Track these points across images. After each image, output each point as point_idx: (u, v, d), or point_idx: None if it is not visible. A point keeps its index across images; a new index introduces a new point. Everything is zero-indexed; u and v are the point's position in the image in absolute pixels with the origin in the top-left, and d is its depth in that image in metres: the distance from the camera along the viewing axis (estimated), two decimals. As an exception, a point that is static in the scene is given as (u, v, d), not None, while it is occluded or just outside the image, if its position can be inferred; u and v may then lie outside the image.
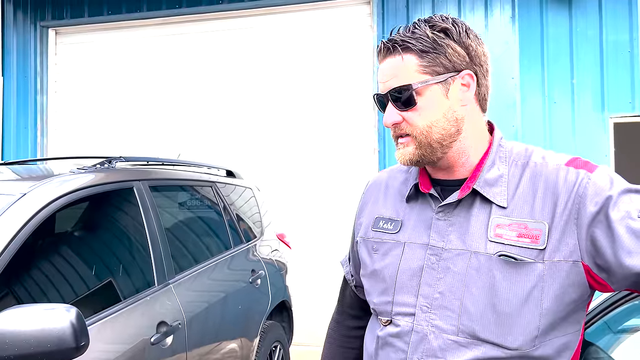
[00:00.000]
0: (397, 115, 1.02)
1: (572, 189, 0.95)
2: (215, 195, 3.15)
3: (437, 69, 1.00)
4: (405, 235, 1.08)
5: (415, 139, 1.02)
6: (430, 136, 1.01)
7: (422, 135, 1.01)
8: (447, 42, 1.00)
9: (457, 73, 1.01)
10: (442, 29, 1.00)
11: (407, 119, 1.02)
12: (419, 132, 1.01)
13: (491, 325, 0.94)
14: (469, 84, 1.02)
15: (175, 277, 2.35)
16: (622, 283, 0.91)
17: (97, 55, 5.63)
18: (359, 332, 1.29)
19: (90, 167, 2.21)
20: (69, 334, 1.38)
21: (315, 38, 5.12)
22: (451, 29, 1.00)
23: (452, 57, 1.00)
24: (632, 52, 4.39)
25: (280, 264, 3.72)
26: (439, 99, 1.00)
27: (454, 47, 1.00)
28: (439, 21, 1.02)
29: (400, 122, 1.03)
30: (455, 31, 1.01)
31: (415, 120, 1.01)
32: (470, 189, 1.01)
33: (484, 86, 1.05)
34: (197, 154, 5.04)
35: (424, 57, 0.99)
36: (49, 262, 1.90)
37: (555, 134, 4.49)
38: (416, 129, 1.01)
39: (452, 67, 1.00)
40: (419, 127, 1.01)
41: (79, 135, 5.65)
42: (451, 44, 1.00)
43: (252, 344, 2.98)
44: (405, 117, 1.02)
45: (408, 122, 1.02)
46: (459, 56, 1.01)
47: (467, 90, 1.02)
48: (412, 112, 1.01)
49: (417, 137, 1.01)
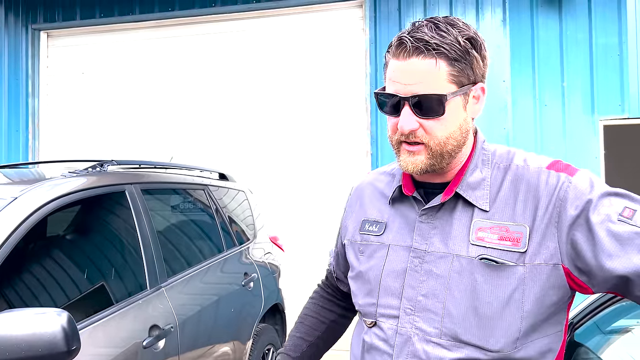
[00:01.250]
0: (415, 122, 0.96)
1: (553, 192, 0.96)
2: (207, 198, 3.15)
3: (462, 80, 0.96)
4: (390, 238, 1.09)
5: (429, 148, 0.97)
6: (445, 147, 0.98)
7: (438, 146, 0.97)
8: (474, 53, 0.97)
9: (473, 85, 0.99)
10: (469, 37, 0.96)
11: (426, 127, 0.96)
12: (437, 142, 0.97)
13: (473, 327, 0.95)
14: (479, 97, 1.01)
15: (167, 280, 2.34)
16: (603, 286, 0.92)
17: (89, 58, 5.61)
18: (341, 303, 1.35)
19: (82, 171, 2.21)
20: (60, 338, 1.38)
21: (307, 41, 5.13)
22: (475, 39, 0.97)
23: (476, 69, 0.98)
24: (621, 55, 4.44)
25: (273, 266, 3.72)
26: (459, 110, 0.98)
27: (478, 59, 0.98)
28: (464, 27, 0.97)
29: (417, 129, 0.97)
30: (478, 42, 0.98)
31: (435, 130, 0.96)
32: (453, 192, 1.02)
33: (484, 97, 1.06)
34: (189, 157, 5.04)
35: (455, 65, 0.95)
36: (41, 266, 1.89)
37: (546, 136, 4.52)
38: (434, 138, 0.97)
39: (473, 79, 0.98)
40: (438, 137, 0.97)
41: (71, 139, 5.62)
42: (476, 56, 0.97)
43: (245, 347, 2.98)
44: (425, 125, 0.96)
45: (427, 130, 0.97)
46: (480, 69, 0.99)
47: (476, 103, 1.02)
48: (435, 122, 0.96)
49: (433, 147, 0.97)
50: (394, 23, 4.84)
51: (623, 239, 0.89)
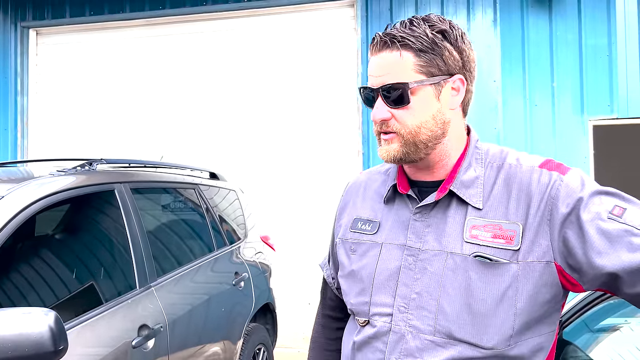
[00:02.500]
0: (386, 112, 1.01)
1: (545, 190, 0.97)
2: (198, 197, 3.13)
3: (432, 70, 0.99)
4: (383, 236, 1.09)
5: (401, 137, 1.01)
6: (417, 136, 1.00)
7: (409, 135, 1.01)
8: (444, 45, 0.99)
9: (450, 77, 1.01)
10: (440, 30, 1.00)
11: (397, 116, 1.01)
12: (408, 131, 1.01)
13: (467, 325, 0.96)
14: (459, 88, 1.03)
15: (157, 279, 2.33)
16: (593, 283, 0.93)
17: (78, 56, 5.57)
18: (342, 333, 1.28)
19: (71, 170, 2.19)
20: (47, 337, 1.37)
21: (299, 40, 5.12)
22: (449, 32, 1.00)
23: (447, 60, 1.00)
24: (610, 56, 4.48)
25: (264, 266, 3.71)
26: (431, 100, 1.00)
27: (450, 50, 1.00)
28: (437, 22, 1.01)
29: (389, 119, 1.02)
30: (453, 35, 1.01)
31: (405, 119, 1.00)
32: (447, 190, 1.03)
33: (470, 92, 1.06)
34: (180, 156, 5.02)
35: (421, 56, 0.98)
36: (29, 265, 1.88)
37: (536, 136, 4.55)
38: (405, 127, 1.01)
39: (447, 70, 1.00)
40: (408, 126, 1.00)
41: (60, 137, 5.58)
42: (448, 47, 1.00)
43: (236, 347, 2.97)
44: (395, 114, 1.01)
45: (398, 120, 1.01)
46: (454, 60, 1.01)
47: (456, 94, 1.03)
48: (403, 111, 1.00)
49: (405, 135, 1.01)
50: (385, 22, 4.84)
51: (612, 236, 0.90)
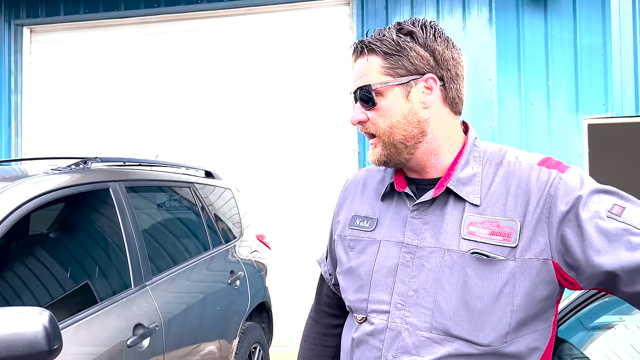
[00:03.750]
0: (361, 114, 1.07)
1: (544, 188, 0.97)
2: (193, 196, 3.12)
3: (399, 71, 1.02)
4: (381, 233, 1.09)
5: (380, 139, 1.05)
6: (392, 137, 1.04)
7: (384, 135, 1.04)
8: (411, 46, 1.02)
9: (421, 76, 1.02)
10: (408, 32, 1.03)
11: (370, 118, 1.06)
12: (382, 132, 1.05)
13: (464, 322, 0.96)
14: (431, 87, 1.03)
15: (152, 278, 2.32)
16: (591, 281, 0.93)
17: (73, 54, 5.54)
18: (336, 330, 1.30)
19: (65, 168, 2.18)
20: (42, 337, 1.36)
21: (294, 38, 5.12)
22: (417, 33, 1.02)
23: (414, 60, 1.02)
24: (605, 55, 4.49)
25: (260, 264, 3.70)
26: (400, 100, 1.03)
27: (417, 51, 1.02)
28: (408, 25, 1.04)
29: (366, 121, 1.07)
30: (422, 35, 1.02)
31: (377, 121, 1.05)
32: (444, 187, 1.03)
33: (453, 90, 1.06)
34: (175, 155, 5.00)
35: (387, 59, 1.02)
36: (23, 264, 1.87)
37: (531, 134, 4.57)
38: (379, 129, 1.05)
39: (415, 70, 1.02)
40: (381, 127, 1.05)
41: (54, 136, 5.55)
42: (415, 48, 1.02)
43: (231, 346, 2.96)
44: (369, 116, 1.06)
45: (372, 122, 1.06)
46: (422, 59, 1.02)
47: (430, 93, 1.03)
48: (375, 112, 1.04)
49: (381, 137, 1.05)
50: (381, 21, 4.84)
51: (611, 235, 0.90)
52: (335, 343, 1.30)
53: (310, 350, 1.33)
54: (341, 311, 1.28)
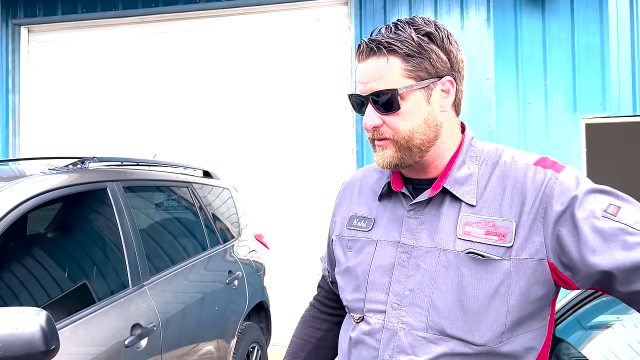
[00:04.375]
0: (377, 119, 1.01)
1: (540, 188, 0.97)
2: (191, 196, 3.12)
3: (421, 74, 0.99)
4: (378, 233, 1.09)
5: (395, 142, 1.01)
6: (411, 141, 1.00)
7: (403, 140, 1.00)
8: (431, 47, 0.99)
9: (439, 79, 1.00)
10: (426, 33, 0.99)
11: (388, 123, 1.00)
12: (401, 136, 1.00)
13: (459, 321, 0.96)
14: (448, 90, 1.02)
15: (150, 278, 2.32)
16: (586, 281, 0.93)
17: (70, 54, 5.53)
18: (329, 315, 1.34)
19: (63, 168, 2.17)
20: (39, 337, 1.36)
21: (293, 38, 5.11)
22: (435, 34, 1.00)
23: (435, 63, 0.99)
24: (603, 55, 4.50)
25: (258, 264, 3.70)
26: (422, 104, 1.00)
27: (437, 53, 0.99)
28: (422, 24, 1.00)
29: (381, 126, 1.01)
30: (439, 36, 1.00)
31: (397, 125, 1.00)
32: (440, 187, 1.03)
33: (460, 92, 1.06)
34: (173, 154, 4.99)
35: (409, 61, 0.98)
36: (20, 264, 1.86)
37: (529, 134, 4.57)
38: (398, 133, 1.00)
39: (435, 72, 1.00)
40: (401, 131, 1.00)
41: (52, 135, 5.54)
42: (435, 49, 0.99)
43: (229, 345, 2.96)
44: (387, 121, 1.00)
45: (389, 126, 1.01)
46: (442, 62, 1.00)
47: (446, 96, 1.02)
48: (394, 117, 1.00)
49: (398, 141, 1.01)
50: (379, 20, 4.84)
51: (607, 235, 0.90)
52: (325, 327, 1.34)
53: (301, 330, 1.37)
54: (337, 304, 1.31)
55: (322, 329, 1.35)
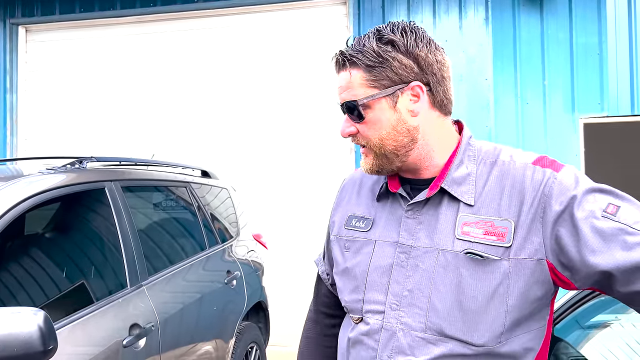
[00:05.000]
0: (350, 127, 1.06)
1: (538, 187, 0.96)
2: (189, 195, 3.12)
3: (383, 82, 1.00)
4: (376, 234, 1.09)
5: (371, 150, 1.05)
6: (384, 148, 1.03)
7: (376, 147, 1.04)
8: (393, 55, 0.99)
9: (406, 85, 1.00)
10: (388, 40, 0.99)
11: (360, 131, 1.05)
12: (373, 144, 1.04)
13: (458, 322, 0.95)
14: (418, 94, 1.01)
15: (148, 278, 2.32)
16: (585, 281, 0.93)
17: (68, 53, 5.53)
18: (335, 330, 1.29)
19: (61, 168, 2.17)
20: (37, 337, 1.35)
21: (291, 38, 5.11)
22: (398, 41, 0.99)
23: (398, 70, 0.99)
24: (601, 55, 4.51)
25: (257, 264, 3.70)
26: (387, 112, 1.01)
27: (400, 60, 0.99)
28: (387, 33, 1.00)
29: (356, 133, 1.06)
30: (403, 42, 0.99)
31: (367, 133, 1.04)
32: (438, 187, 1.02)
33: (440, 92, 1.04)
34: (171, 154, 4.99)
35: (370, 71, 1.00)
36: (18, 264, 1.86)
37: (528, 134, 4.58)
38: (370, 141, 1.04)
39: (399, 79, 1.00)
40: (372, 139, 1.04)
41: (50, 135, 5.53)
42: (397, 57, 0.99)
43: (228, 345, 2.96)
44: (360, 129, 1.05)
45: (362, 134, 1.05)
46: (406, 68, 1.00)
47: (417, 100, 1.02)
48: (364, 125, 1.03)
49: (372, 148, 1.04)
50: (377, 20, 4.84)
51: (606, 234, 0.89)
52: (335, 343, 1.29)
53: (310, 351, 1.33)
54: (339, 311, 1.28)
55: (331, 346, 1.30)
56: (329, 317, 1.32)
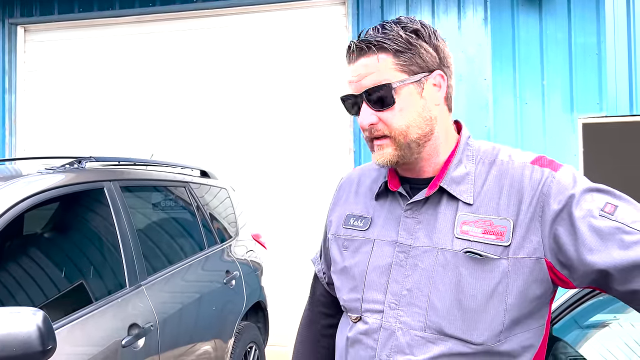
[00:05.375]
0: (372, 116, 1.01)
1: (537, 187, 0.97)
2: (188, 195, 3.12)
3: (412, 68, 1.00)
4: (375, 233, 1.08)
5: (393, 139, 1.01)
6: (408, 136, 1.00)
7: (400, 136, 1.00)
8: (419, 43, 1.00)
9: (430, 73, 1.02)
10: (413, 30, 1.01)
11: (384, 119, 1.00)
12: (398, 132, 1.00)
13: (457, 321, 0.96)
14: (439, 84, 1.03)
15: (147, 278, 2.32)
16: (584, 280, 0.93)
17: (67, 53, 5.52)
18: (331, 330, 1.29)
19: (59, 168, 2.17)
20: (35, 337, 1.35)
21: (290, 38, 5.11)
22: (421, 31, 1.01)
23: (425, 57, 1.01)
24: (599, 55, 4.51)
25: (256, 264, 3.70)
26: (415, 98, 1.00)
27: (426, 48, 1.01)
28: (408, 22, 1.02)
29: (377, 123, 1.01)
30: (426, 33, 1.02)
31: (392, 121, 1.00)
32: (437, 186, 1.03)
33: (450, 87, 1.07)
34: (170, 154, 4.99)
35: (399, 56, 0.99)
36: (17, 264, 1.86)
37: (527, 134, 4.58)
38: (394, 129, 1.00)
39: (426, 66, 1.01)
40: (397, 127, 1.00)
41: (49, 135, 5.53)
42: (423, 45, 1.01)
43: (227, 345, 2.96)
44: (382, 117, 1.00)
45: (385, 122, 1.00)
46: (431, 56, 1.01)
47: (438, 90, 1.03)
48: (390, 112, 1.00)
49: (396, 137, 1.00)
50: (376, 20, 4.84)
51: (604, 234, 0.90)
52: (330, 344, 1.29)
53: (305, 351, 1.32)
54: (336, 311, 1.27)
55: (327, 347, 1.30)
56: (325, 317, 1.31)
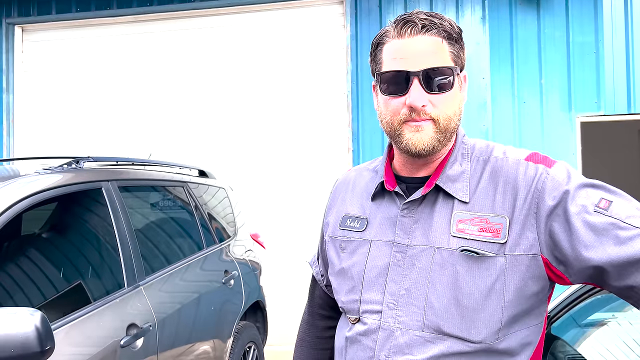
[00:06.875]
0: (425, 98, 0.97)
1: (531, 183, 0.97)
2: (187, 195, 3.11)
3: (458, 61, 1.02)
4: (372, 233, 1.08)
5: (437, 123, 0.98)
6: (450, 123, 1.00)
7: (445, 121, 0.98)
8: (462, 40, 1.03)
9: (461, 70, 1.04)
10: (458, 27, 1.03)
11: (434, 102, 0.97)
12: (445, 117, 0.98)
13: (455, 319, 0.95)
14: (462, 83, 1.05)
15: (145, 278, 2.31)
16: (580, 275, 0.93)
17: (65, 53, 5.51)
18: (331, 332, 1.29)
19: (57, 168, 2.17)
20: (34, 338, 1.35)
21: (288, 37, 5.11)
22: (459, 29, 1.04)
23: (463, 55, 1.04)
24: (597, 54, 4.51)
25: (254, 264, 3.70)
26: (458, 90, 1.02)
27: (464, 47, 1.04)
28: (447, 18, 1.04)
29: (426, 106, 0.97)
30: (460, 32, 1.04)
31: (443, 105, 0.98)
32: (433, 185, 1.03)
33: None
34: (168, 154, 4.98)
35: (454, 45, 1.00)
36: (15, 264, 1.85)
37: (525, 133, 4.59)
38: (442, 113, 0.98)
39: (462, 64, 1.04)
40: (445, 112, 0.98)
41: (47, 135, 5.52)
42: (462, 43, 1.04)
43: (226, 345, 2.96)
44: (433, 100, 0.97)
45: (435, 105, 0.98)
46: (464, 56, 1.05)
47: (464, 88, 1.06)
48: (442, 97, 0.98)
49: (442, 122, 0.98)
50: (374, 19, 4.85)
51: (599, 229, 0.90)
52: (331, 346, 1.30)
53: (305, 353, 1.32)
54: (335, 312, 1.27)
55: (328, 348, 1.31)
56: (324, 319, 1.32)
